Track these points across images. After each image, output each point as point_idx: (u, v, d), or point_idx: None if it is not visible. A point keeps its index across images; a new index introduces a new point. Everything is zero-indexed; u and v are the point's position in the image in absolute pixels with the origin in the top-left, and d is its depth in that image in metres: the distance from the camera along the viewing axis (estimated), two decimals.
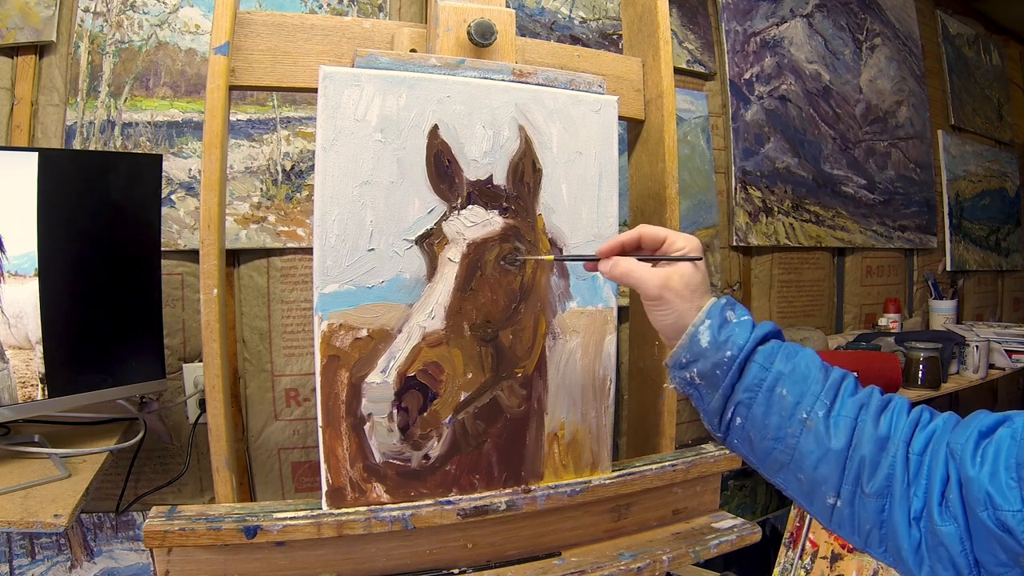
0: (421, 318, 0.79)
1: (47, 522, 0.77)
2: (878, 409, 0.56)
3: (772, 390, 0.58)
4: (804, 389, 0.57)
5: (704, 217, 1.81)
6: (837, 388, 0.58)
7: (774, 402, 0.58)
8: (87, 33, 1.20)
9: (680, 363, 0.63)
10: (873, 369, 1.53)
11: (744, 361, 0.60)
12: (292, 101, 1.32)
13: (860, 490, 0.54)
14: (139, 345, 1.04)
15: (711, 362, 0.61)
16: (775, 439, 0.58)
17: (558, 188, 0.85)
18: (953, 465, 0.51)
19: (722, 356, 0.60)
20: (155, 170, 1.04)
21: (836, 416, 0.56)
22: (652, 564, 0.87)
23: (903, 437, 0.54)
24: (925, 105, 2.37)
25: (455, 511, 0.81)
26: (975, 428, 0.52)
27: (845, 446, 0.55)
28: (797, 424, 0.57)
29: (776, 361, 0.59)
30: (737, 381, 0.60)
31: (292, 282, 1.32)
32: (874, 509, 0.53)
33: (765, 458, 0.60)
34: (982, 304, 2.68)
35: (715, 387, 0.61)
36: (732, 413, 0.61)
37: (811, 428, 0.56)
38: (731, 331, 0.61)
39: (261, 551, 0.76)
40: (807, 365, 0.59)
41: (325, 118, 0.74)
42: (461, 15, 0.84)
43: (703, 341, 0.61)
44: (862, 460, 0.54)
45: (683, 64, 1.78)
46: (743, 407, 0.60)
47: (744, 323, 0.61)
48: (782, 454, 0.58)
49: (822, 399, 0.57)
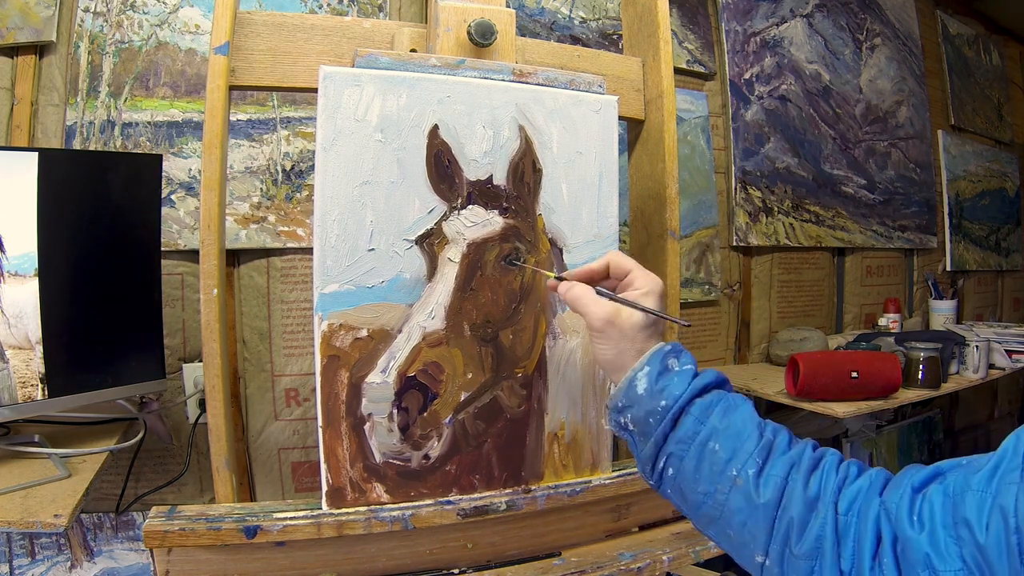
0: (421, 318, 0.79)
1: (47, 522, 0.77)
2: (808, 468, 0.55)
3: (704, 444, 0.57)
4: (737, 446, 0.56)
5: (704, 217, 1.81)
6: (770, 446, 0.57)
7: (706, 456, 0.57)
8: (87, 33, 1.20)
9: (616, 407, 0.63)
10: (873, 369, 1.53)
11: (679, 413, 0.59)
12: (292, 101, 1.32)
13: (789, 551, 0.53)
14: (139, 345, 1.04)
15: (644, 410, 0.60)
16: (705, 494, 0.57)
17: (558, 188, 0.85)
18: (888, 525, 0.50)
19: (656, 405, 0.59)
20: (155, 170, 1.04)
21: (767, 476, 0.55)
22: (652, 564, 0.87)
23: (831, 497, 0.53)
24: (925, 105, 2.37)
25: (455, 511, 0.81)
26: (907, 485, 0.51)
27: (774, 506, 0.54)
28: (727, 481, 0.56)
29: (712, 416, 0.58)
30: (670, 432, 0.59)
31: (292, 282, 1.32)
32: (804, 570, 0.52)
33: (696, 511, 0.59)
34: (982, 304, 2.68)
35: (647, 436, 0.60)
36: (664, 463, 0.60)
37: (740, 486, 0.55)
38: (669, 380, 0.60)
39: (261, 551, 0.76)
40: (743, 422, 0.58)
41: (325, 118, 0.75)
42: (461, 15, 0.84)
43: (639, 388, 0.60)
44: (791, 521, 0.53)
45: (683, 64, 1.78)
46: (675, 459, 0.59)
47: (684, 373, 0.60)
48: (712, 509, 0.57)
49: (754, 457, 0.56)
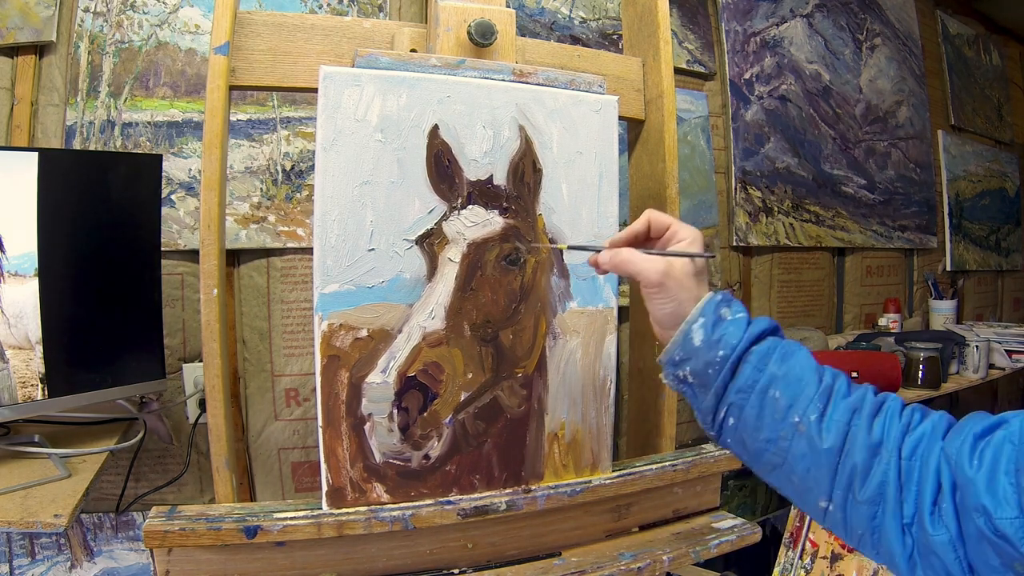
0: (421, 318, 0.79)
1: (47, 522, 0.77)
2: (871, 413, 0.55)
3: (765, 392, 0.57)
4: (797, 392, 0.56)
5: (704, 217, 1.81)
6: (830, 391, 0.57)
7: (767, 404, 0.57)
8: (87, 33, 1.20)
9: (673, 360, 0.62)
10: (873, 369, 1.53)
11: (737, 361, 0.59)
12: (292, 101, 1.31)
13: (852, 496, 0.53)
14: (139, 345, 1.04)
15: (703, 361, 0.60)
16: (767, 441, 0.57)
17: (558, 188, 0.85)
18: (947, 470, 0.50)
19: (715, 355, 0.59)
20: (155, 170, 1.04)
21: (828, 421, 0.55)
22: (652, 564, 0.87)
23: (895, 443, 0.53)
24: (925, 105, 2.37)
25: (455, 511, 0.81)
26: (970, 431, 0.51)
27: (837, 451, 0.54)
28: (789, 428, 0.56)
29: (770, 363, 0.58)
30: (730, 381, 0.59)
31: (292, 282, 1.32)
32: (866, 515, 0.53)
33: (758, 459, 0.59)
34: (982, 304, 2.68)
35: (707, 387, 0.60)
36: (725, 413, 0.60)
37: (803, 432, 0.55)
38: (725, 329, 0.59)
39: (261, 551, 0.76)
40: (801, 367, 0.58)
41: (325, 118, 0.74)
42: (461, 15, 0.84)
43: (696, 340, 0.60)
44: (854, 467, 0.53)
45: (683, 64, 1.78)
46: (735, 408, 0.59)
47: (739, 321, 0.60)
48: (774, 456, 0.57)
49: (815, 403, 0.56)
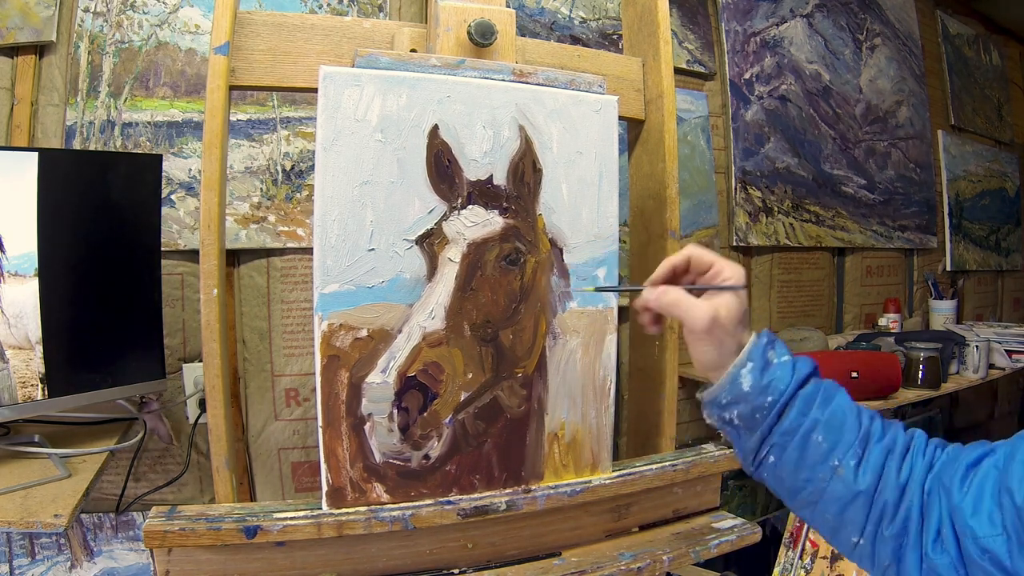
0: (421, 318, 0.79)
1: (47, 522, 0.77)
2: (901, 453, 0.58)
3: (808, 436, 0.59)
4: (839, 438, 0.58)
5: (704, 217, 1.81)
6: (868, 436, 0.59)
7: (809, 447, 0.59)
8: (87, 33, 1.20)
9: (719, 403, 0.62)
10: (873, 369, 1.53)
11: (784, 406, 0.60)
12: (292, 101, 1.31)
13: (880, 532, 0.56)
14: (139, 345, 1.04)
15: (752, 406, 0.60)
16: (806, 480, 0.59)
17: (558, 188, 0.85)
18: (944, 499, 0.54)
19: (763, 401, 0.60)
20: (155, 170, 1.04)
21: (865, 464, 0.57)
22: (652, 564, 0.87)
23: (920, 481, 0.56)
24: (925, 105, 2.37)
25: (455, 511, 0.81)
26: (964, 461, 0.55)
27: (872, 492, 0.57)
28: (828, 470, 0.58)
29: (814, 407, 0.59)
30: (775, 424, 0.60)
31: (292, 282, 1.32)
32: (892, 548, 0.56)
33: (794, 496, 0.61)
34: (982, 304, 2.68)
35: (753, 429, 0.61)
36: (767, 452, 0.61)
37: (841, 476, 0.57)
38: (773, 375, 0.60)
39: (261, 551, 0.76)
40: (843, 412, 0.60)
41: (325, 118, 0.74)
42: (461, 15, 0.84)
43: (745, 385, 0.60)
44: (885, 504, 0.56)
45: (683, 64, 1.77)
46: (778, 448, 0.60)
47: (785, 364, 0.61)
48: (811, 495, 0.59)
49: (855, 448, 0.58)
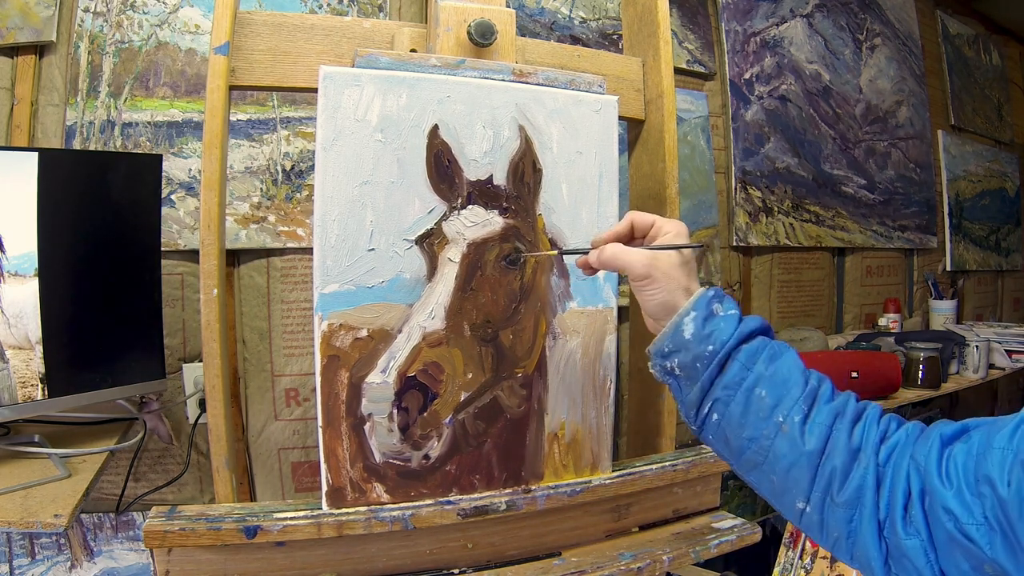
0: (421, 318, 0.79)
1: (47, 522, 0.77)
2: (852, 419, 0.56)
3: (751, 390, 0.58)
4: (783, 393, 0.57)
5: (704, 217, 1.81)
6: (815, 394, 0.58)
7: (752, 402, 0.58)
8: (87, 33, 1.20)
9: (662, 352, 0.63)
10: (873, 369, 1.53)
11: (725, 358, 0.59)
12: (292, 101, 1.31)
13: (830, 498, 0.54)
14: (139, 345, 1.04)
15: (692, 355, 0.60)
16: (750, 439, 0.58)
17: (558, 188, 0.85)
18: (917, 477, 0.51)
19: (703, 350, 0.59)
20: (155, 170, 1.04)
21: (812, 423, 0.56)
22: (652, 564, 0.87)
23: (873, 448, 0.54)
24: (925, 105, 2.37)
25: (455, 511, 0.81)
26: (936, 438, 0.52)
27: (818, 453, 0.55)
28: (773, 427, 0.57)
29: (758, 362, 0.58)
30: (717, 377, 0.59)
31: (292, 282, 1.32)
32: (843, 518, 0.53)
33: (739, 456, 0.60)
34: (982, 304, 2.68)
35: (694, 380, 0.61)
36: (709, 408, 0.60)
37: (786, 432, 0.56)
38: (716, 325, 0.60)
39: (261, 551, 0.76)
40: (789, 369, 0.58)
41: (325, 118, 0.74)
42: (461, 15, 0.84)
43: (686, 333, 0.60)
44: (834, 469, 0.54)
45: (683, 64, 1.78)
46: (720, 404, 0.59)
47: (730, 318, 0.60)
48: (756, 454, 0.58)
49: (800, 404, 0.57)
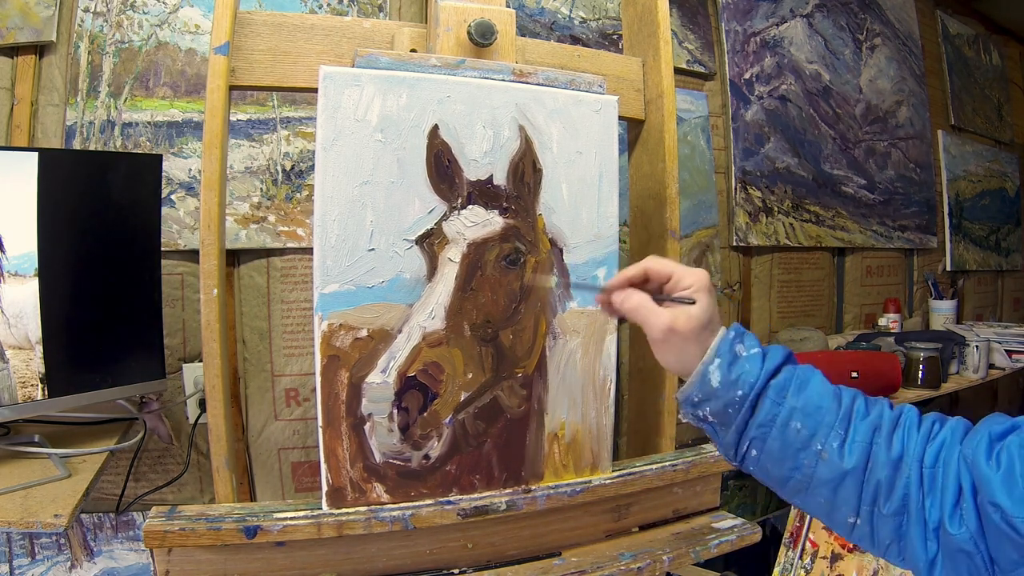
0: (421, 318, 0.79)
1: (47, 522, 0.77)
2: (890, 429, 0.57)
3: (786, 425, 0.58)
4: (818, 421, 0.57)
5: (704, 217, 1.81)
6: (849, 415, 0.58)
7: (789, 436, 0.58)
8: (87, 33, 1.20)
9: (691, 400, 0.62)
10: (873, 369, 1.53)
11: (756, 398, 0.59)
12: (292, 101, 1.31)
13: (878, 510, 0.55)
14: (139, 345, 1.04)
15: (723, 402, 0.60)
16: (792, 469, 0.58)
17: (558, 188, 0.85)
18: (967, 472, 0.52)
19: (733, 396, 0.59)
20: (155, 170, 1.04)
21: (850, 443, 0.56)
22: (652, 564, 0.87)
23: (916, 455, 0.55)
24: (925, 105, 2.37)
25: (455, 511, 0.81)
26: (986, 432, 0.53)
27: (862, 470, 0.56)
28: (812, 456, 0.57)
29: (788, 395, 0.59)
30: (750, 418, 0.59)
31: (292, 282, 1.32)
32: (892, 526, 0.55)
33: (783, 485, 0.60)
34: (982, 304, 2.68)
35: (728, 425, 0.61)
36: (747, 447, 0.60)
37: (826, 459, 0.57)
38: (742, 368, 0.60)
39: (261, 551, 0.76)
40: (819, 395, 0.59)
41: (325, 118, 0.74)
42: (461, 15, 0.84)
43: (714, 381, 0.60)
44: (878, 483, 0.55)
45: (683, 64, 1.77)
46: (758, 441, 0.59)
47: (754, 357, 0.60)
48: (799, 483, 0.58)
49: (836, 430, 0.57)
